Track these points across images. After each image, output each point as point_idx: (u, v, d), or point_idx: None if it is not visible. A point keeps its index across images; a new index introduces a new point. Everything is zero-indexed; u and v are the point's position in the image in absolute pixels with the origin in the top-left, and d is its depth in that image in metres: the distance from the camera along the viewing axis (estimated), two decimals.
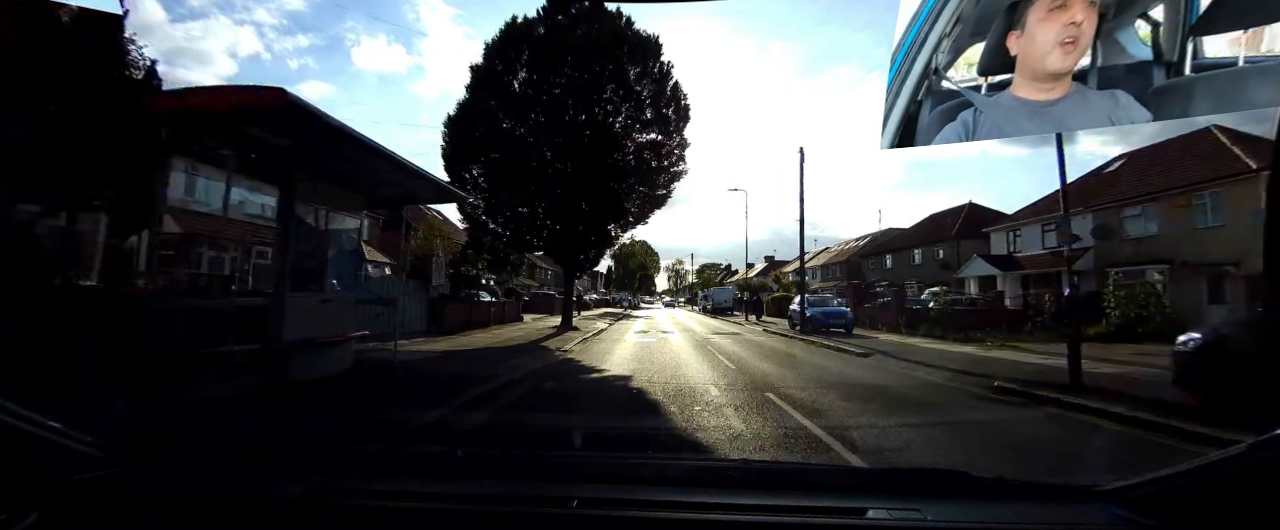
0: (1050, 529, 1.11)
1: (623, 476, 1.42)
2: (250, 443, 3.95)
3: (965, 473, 1.53)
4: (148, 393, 4.24)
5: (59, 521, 1.08)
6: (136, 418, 3.77)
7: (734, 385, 6.93)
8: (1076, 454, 4.34)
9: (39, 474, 1.14)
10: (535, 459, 1.65)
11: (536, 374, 7.69)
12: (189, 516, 1.16)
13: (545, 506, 1.16)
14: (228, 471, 1.39)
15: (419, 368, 7.89)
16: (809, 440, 4.29)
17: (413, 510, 1.16)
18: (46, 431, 1.16)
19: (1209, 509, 0.97)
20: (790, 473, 1.82)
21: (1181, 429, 4.43)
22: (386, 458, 2.17)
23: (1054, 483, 1.31)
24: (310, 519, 1.16)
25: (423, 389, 6.24)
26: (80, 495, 1.17)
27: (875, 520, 1.12)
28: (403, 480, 1.36)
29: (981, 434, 4.86)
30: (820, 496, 1.24)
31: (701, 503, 1.16)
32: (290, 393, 5.33)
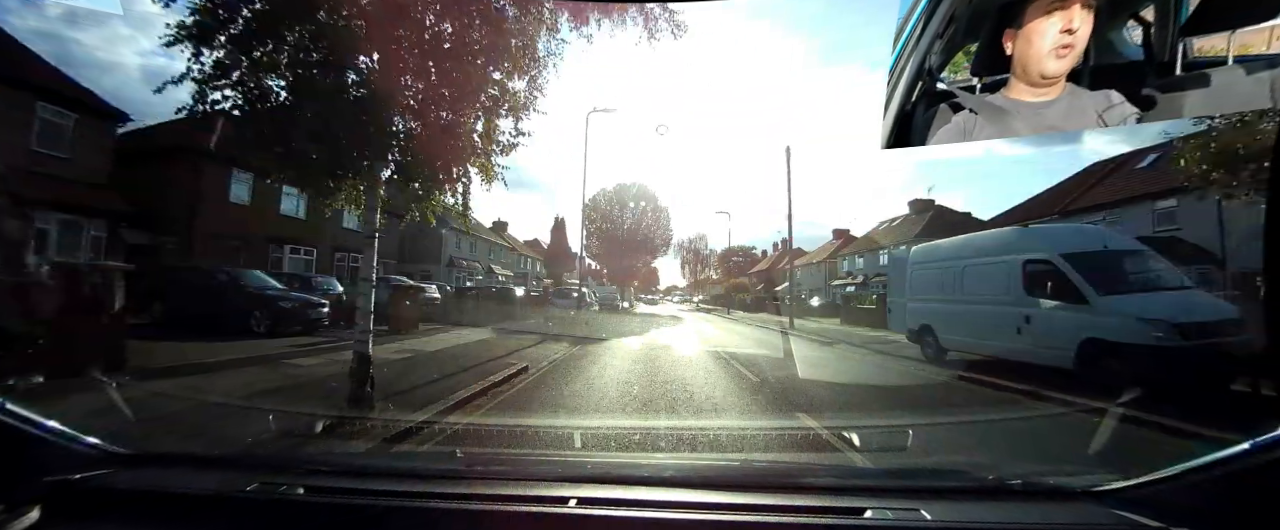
0: (1050, 529, 1.10)
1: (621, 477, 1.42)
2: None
3: (965, 473, 1.53)
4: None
5: (59, 517, 1.08)
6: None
7: None
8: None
9: (39, 471, 1.14)
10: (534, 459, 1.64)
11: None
12: (186, 515, 1.16)
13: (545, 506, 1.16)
14: (224, 470, 1.39)
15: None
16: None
17: (413, 510, 1.16)
18: (46, 431, 1.16)
19: (1209, 509, 0.97)
20: (790, 472, 1.82)
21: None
22: (382, 457, 2.16)
23: (1053, 483, 1.32)
24: (309, 519, 1.15)
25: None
26: (79, 492, 1.17)
27: (875, 520, 1.12)
28: (401, 480, 1.36)
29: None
30: (820, 496, 1.24)
31: (702, 503, 1.16)
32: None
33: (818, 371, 9.06)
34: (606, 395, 6.48)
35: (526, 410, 5.57)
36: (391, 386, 5.94)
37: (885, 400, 6.88)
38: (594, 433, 4.43)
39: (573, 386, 7.02)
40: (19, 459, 1.13)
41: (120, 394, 4.30)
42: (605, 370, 8.53)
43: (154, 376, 6.12)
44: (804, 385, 7.51)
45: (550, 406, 5.80)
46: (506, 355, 9.43)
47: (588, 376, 7.87)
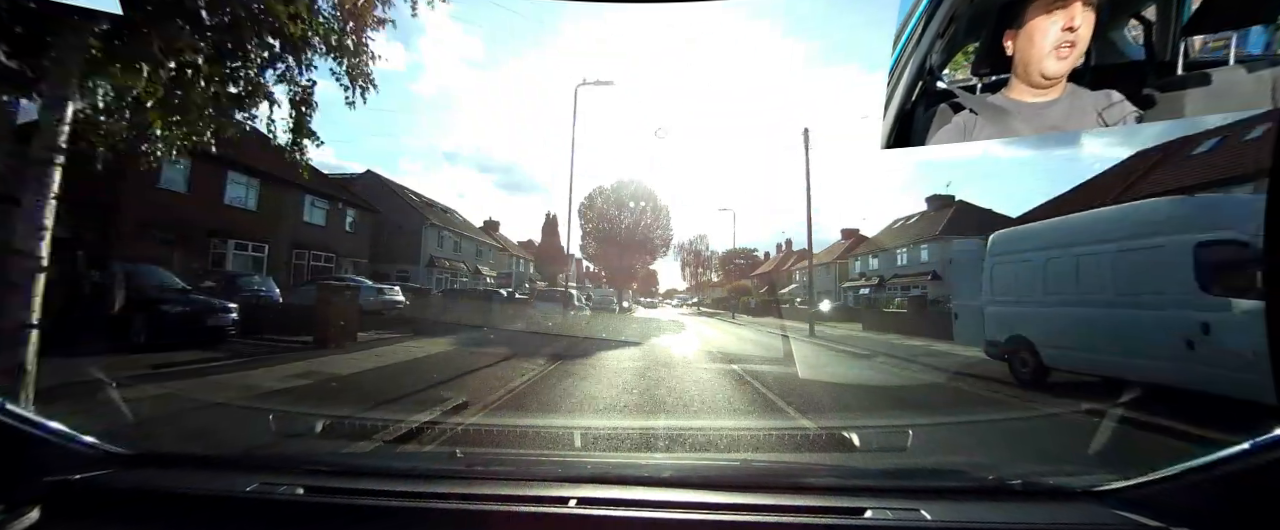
0: (1050, 528, 1.10)
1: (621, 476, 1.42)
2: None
3: (965, 473, 1.53)
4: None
5: (59, 517, 1.09)
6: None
7: None
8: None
9: (39, 471, 1.14)
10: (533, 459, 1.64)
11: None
12: (186, 515, 1.16)
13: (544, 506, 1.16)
14: (223, 471, 1.39)
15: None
16: None
17: (413, 510, 1.16)
18: (46, 431, 1.16)
19: (1209, 509, 0.97)
20: (790, 472, 1.82)
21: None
22: (382, 457, 2.16)
23: (1053, 483, 1.32)
24: (309, 519, 1.15)
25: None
26: (79, 492, 1.17)
27: (875, 520, 1.12)
28: (401, 480, 1.36)
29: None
30: (820, 496, 1.24)
31: (702, 503, 1.16)
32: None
33: (905, 410, 6.35)
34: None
35: (527, 410, 5.58)
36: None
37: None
38: (594, 433, 4.43)
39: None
40: (19, 459, 1.13)
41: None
42: (585, 404, 5.94)
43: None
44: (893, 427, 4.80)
45: (549, 409, 5.70)
46: (450, 380, 7.01)
47: (557, 414, 5.47)
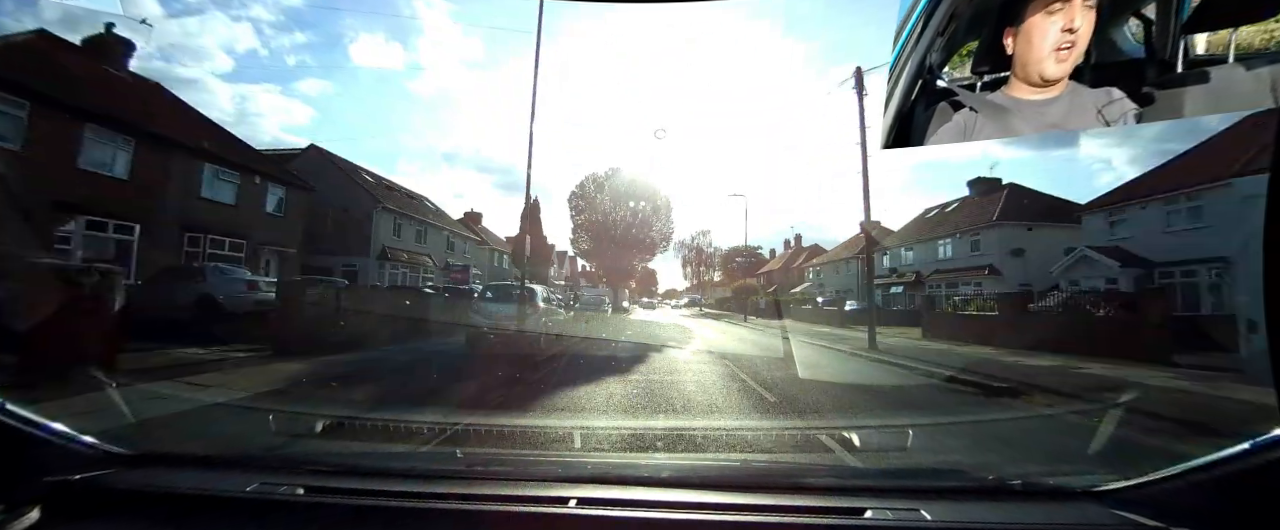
0: (1050, 528, 1.10)
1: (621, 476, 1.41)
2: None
3: (965, 473, 1.53)
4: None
5: (59, 517, 1.09)
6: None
7: None
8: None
9: (39, 471, 1.14)
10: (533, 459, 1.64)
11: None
12: (186, 515, 1.16)
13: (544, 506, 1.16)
14: (223, 471, 1.39)
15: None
16: None
17: (413, 510, 1.16)
18: (46, 431, 1.16)
19: (1209, 509, 0.97)
20: (790, 473, 1.82)
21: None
22: (382, 457, 2.16)
23: (1053, 483, 1.31)
24: (309, 519, 1.15)
25: None
26: (79, 492, 1.17)
27: (875, 520, 1.12)
28: (401, 480, 1.36)
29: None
30: (820, 496, 1.24)
31: (702, 503, 1.16)
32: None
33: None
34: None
35: (526, 410, 5.57)
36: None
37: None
38: (594, 433, 4.42)
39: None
40: (19, 459, 1.13)
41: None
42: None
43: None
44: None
45: (549, 408, 5.73)
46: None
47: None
